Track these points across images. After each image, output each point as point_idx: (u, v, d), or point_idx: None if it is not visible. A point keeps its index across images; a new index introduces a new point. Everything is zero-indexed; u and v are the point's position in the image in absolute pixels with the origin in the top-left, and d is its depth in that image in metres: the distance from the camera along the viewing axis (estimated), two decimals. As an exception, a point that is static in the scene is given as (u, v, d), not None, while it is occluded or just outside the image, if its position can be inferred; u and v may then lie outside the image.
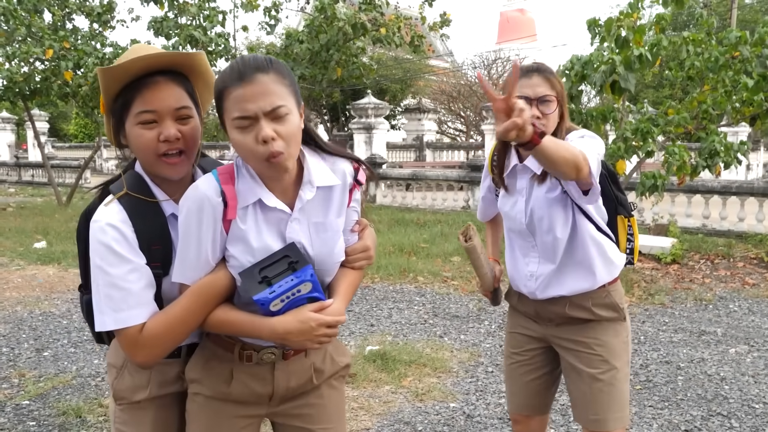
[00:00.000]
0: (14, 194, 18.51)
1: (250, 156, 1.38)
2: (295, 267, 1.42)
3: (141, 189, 1.53)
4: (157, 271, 1.50)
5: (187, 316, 1.45)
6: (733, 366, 4.37)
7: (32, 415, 3.59)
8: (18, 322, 5.41)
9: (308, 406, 1.65)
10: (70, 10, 13.79)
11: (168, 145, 1.47)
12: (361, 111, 17.49)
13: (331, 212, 1.52)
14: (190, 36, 11.14)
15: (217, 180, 1.42)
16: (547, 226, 2.05)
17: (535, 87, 1.97)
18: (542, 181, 2.03)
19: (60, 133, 37.07)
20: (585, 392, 2.10)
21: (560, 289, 2.11)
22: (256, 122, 1.34)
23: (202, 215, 1.41)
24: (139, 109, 1.46)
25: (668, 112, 6.74)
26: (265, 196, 1.44)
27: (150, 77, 1.47)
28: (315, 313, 1.43)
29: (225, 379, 1.56)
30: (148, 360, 1.46)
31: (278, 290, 1.40)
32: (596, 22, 6.21)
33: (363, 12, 11.39)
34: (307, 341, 1.44)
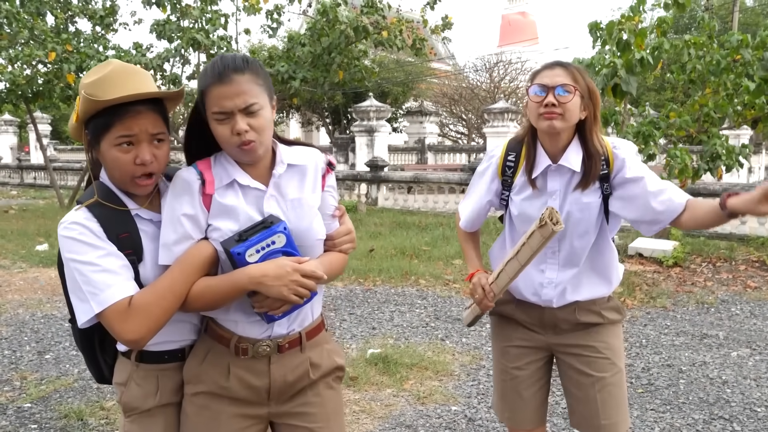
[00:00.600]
0: (16, 196, 18.54)
1: (226, 144, 1.53)
2: (268, 225, 1.53)
3: (109, 197, 1.58)
4: (131, 258, 1.54)
5: (175, 284, 1.49)
6: (735, 369, 4.36)
7: (34, 417, 3.59)
8: (20, 325, 5.42)
9: (307, 405, 1.69)
10: (72, 13, 13.84)
11: (143, 168, 1.55)
12: (362, 114, 17.52)
13: (305, 189, 1.64)
14: (193, 39, 11.15)
15: (195, 167, 1.59)
16: (583, 230, 2.01)
17: (554, 76, 1.93)
18: (586, 186, 1.98)
19: (62, 135, 37.12)
20: (593, 397, 2.06)
21: (576, 295, 2.07)
22: (232, 117, 1.50)
23: (180, 193, 1.54)
24: (119, 134, 1.53)
25: (670, 115, 6.75)
26: (239, 176, 1.57)
27: (132, 106, 1.53)
28: (291, 261, 1.50)
29: (223, 374, 1.60)
30: (140, 332, 1.45)
31: (253, 240, 1.49)
32: (598, 26, 6.22)
33: (365, 15, 11.41)
34: (283, 287, 1.48)
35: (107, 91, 1.50)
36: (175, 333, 1.64)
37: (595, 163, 1.96)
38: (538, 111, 1.92)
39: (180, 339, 1.67)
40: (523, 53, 28.10)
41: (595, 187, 2.00)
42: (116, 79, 1.53)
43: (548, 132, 1.96)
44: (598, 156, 1.96)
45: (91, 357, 1.76)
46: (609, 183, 2.00)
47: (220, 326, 1.62)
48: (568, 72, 1.93)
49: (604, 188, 2.01)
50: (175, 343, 1.66)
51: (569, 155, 1.98)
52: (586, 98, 1.95)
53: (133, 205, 1.61)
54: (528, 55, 27.19)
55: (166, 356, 1.66)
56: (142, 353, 1.64)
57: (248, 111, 1.51)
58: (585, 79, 1.96)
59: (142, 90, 1.54)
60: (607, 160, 1.99)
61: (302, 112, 26.68)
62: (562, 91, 1.89)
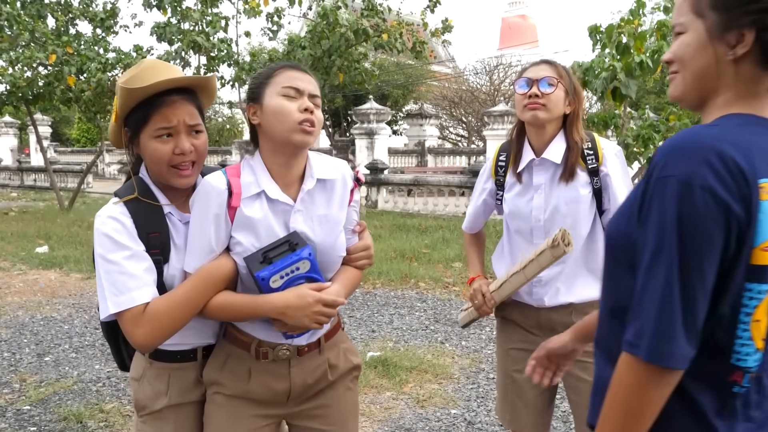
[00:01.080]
0: (16, 198, 18.54)
1: (288, 120, 1.51)
2: (294, 247, 1.52)
3: (146, 193, 1.63)
4: (157, 258, 1.57)
5: (189, 298, 1.52)
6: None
7: (33, 420, 3.59)
8: (19, 327, 5.42)
9: (324, 407, 1.71)
10: (73, 16, 13.86)
11: (182, 158, 1.59)
12: (363, 116, 17.52)
13: (333, 205, 1.63)
14: (193, 42, 11.16)
15: (224, 173, 1.56)
16: (571, 224, 2.01)
17: (539, 71, 2.02)
18: (570, 179, 2.02)
19: (62, 137, 37.16)
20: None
21: (570, 296, 2.07)
22: (301, 96, 1.54)
23: (208, 202, 1.53)
24: (159, 125, 1.57)
25: (670, 118, 6.75)
26: (269, 188, 1.56)
27: (168, 95, 1.58)
28: (313, 291, 1.51)
29: (244, 378, 1.62)
30: (148, 339, 1.50)
31: (278, 266, 1.49)
32: (597, 29, 6.23)
33: (365, 18, 11.42)
34: (305, 317, 1.50)
35: (143, 82, 1.55)
36: (189, 335, 1.65)
37: (574, 155, 2.01)
38: (523, 102, 2.01)
39: (194, 341, 1.68)
40: (523, 56, 28.13)
41: (583, 180, 2.03)
42: (149, 72, 1.58)
43: (532, 123, 2.03)
44: (577, 148, 2.02)
45: (115, 346, 1.81)
46: (599, 177, 2.03)
47: (240, 331, 1.63)
48: (553, 68, 2.03)
49: (594, 182, 2.03)
50: (188, 345, 1.68)
51: (551, 148, 2.04)
52: (570, 94, 2.02)
53: (165, 200, 1.64)
54: (528, 58, 27.22)
55: (179, 356, 1.68)
56: (156, 351, 1.67)
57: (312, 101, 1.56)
58: (570, 77, 2.04)
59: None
60: (596, 155, 2.03)
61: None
62: (546, 84, 1.98)
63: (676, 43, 1.16)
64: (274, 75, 1.56)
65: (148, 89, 1.55)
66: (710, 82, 1.12)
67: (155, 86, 1.55)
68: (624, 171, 2.08)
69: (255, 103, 1.58)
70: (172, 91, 1.59)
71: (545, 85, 1.98)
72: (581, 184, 2.02)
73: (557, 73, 2.01)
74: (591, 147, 2.04)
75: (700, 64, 1.11)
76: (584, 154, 2.03)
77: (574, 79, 2.07)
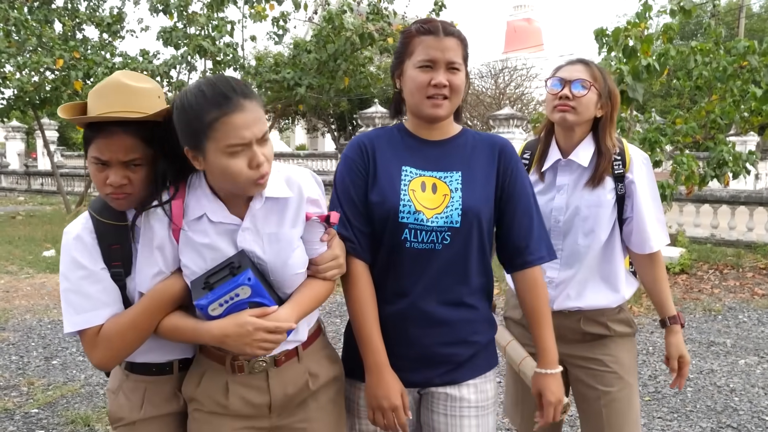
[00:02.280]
0: (23, 202, 18.63)
1: (240, 181, 1.41)
2: (234, 272, 1.44)
3: (104, 211, 1.59)
4: (118, 270, 1.55)
5: (137, 321, 1.50)
6: (743, 377, 4.33)
7: (41, 423, 3.60)
8: (27, 331, 5.44)
9: (308, 420, 1.65)
10: (80, 21, 13.95)
11: (113, 189, 1.52)
12: (368, 120, 17.55)
13: (285, 224, 1.54)
14: (199, 46, 11.19)
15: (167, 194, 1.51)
16: (590, 228, 1.99)
17: (573, 71, 1.97)
18: (598, 184, 1.98)
19: (69, 141, 37.33)
20: (599, 412, 2.02)
21: (579, 301, 2.03)
22: (248, 148, 1.39)
23: (152, 223, 1.50)
24: (93, 154, 1.53)
25: (676, 121, 6.73)
26: (211, 211, 1.50)
27: (107, 125, 1.50)
28: (254, 318, 1.43)
29: (221, 392, 1.57)
30: (103, 361, 1.53)
31: (217, 293, 1.42)
32: (604, 32, 6.22)
33: (371, 22, 11.43)
34: (246, 346, 1.43)
35: (92, 105, 1.51)
36: (164, 348, 1.63)
37: (604, 161, 1.97)
38: (553, 103, 1.97)
39: (169, 355, 1.65)
40: (529, 60, 28.12)
41: (608, 186, 1.99)
42: (105, 94, 1.50)
43: (561, 124, 2.00)
44: (609, 154, 1.98)
45: None
46: (624, 184, 2.00)
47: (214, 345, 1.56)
48: (589, 69, 1.97)
49: (619, 188, 2.00)
50: (163, 358, 1.65)
51: (579, 151, 2.01)
52: (604, 97, 1.97)
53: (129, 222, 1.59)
54: (533, 62, 27.19)
55: (154, 369, 1.65)
56: (132, 364, 1.66)
57: (263, 140, 1.42)
58: (606, 80, 1.99)
59: (124, 109, 1.48)
60: (624, 160, 2.00)
61: (308, 118, 26.75)
62: (579, 86, 1.93)
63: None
64: (213, 126, 1.37)
65: (80, 120, 1.51)
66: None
67: (82, 119, 1.50)
68: (650, 179, 2.04)
69: (195, 150, 1.42)
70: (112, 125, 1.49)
71: (578, 87, 1.93)
72: (606, 189, 1.99)
73: (591, 75, 1.96)
74: (619, 152, 2.00)
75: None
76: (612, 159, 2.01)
77: (611, 81, 2.02)
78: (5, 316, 5.89)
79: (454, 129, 1.78)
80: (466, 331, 1.72)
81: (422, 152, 1.73)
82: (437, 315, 1.68)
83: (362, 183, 1.70)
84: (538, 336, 1.74)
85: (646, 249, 2.02)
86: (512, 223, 1.73)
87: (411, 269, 1.66)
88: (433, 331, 1.69)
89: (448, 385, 1.74)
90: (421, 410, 1.81)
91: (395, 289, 1.69)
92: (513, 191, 1.73)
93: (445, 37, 1.63)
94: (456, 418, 1.73)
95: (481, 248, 1.70)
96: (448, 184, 1.69)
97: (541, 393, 1.75)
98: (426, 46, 1.63)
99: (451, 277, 1.67)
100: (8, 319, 5.78)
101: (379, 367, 1.66)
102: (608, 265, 2.04)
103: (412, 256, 1.65)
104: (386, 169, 1.70)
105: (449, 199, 1.66)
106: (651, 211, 2.00)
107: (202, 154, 1.41)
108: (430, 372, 1.72)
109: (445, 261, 1.66)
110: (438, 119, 1.70)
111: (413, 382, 1.74)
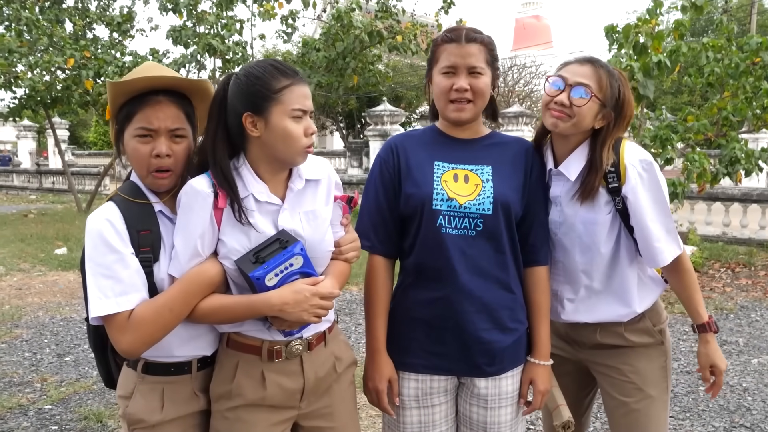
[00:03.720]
0: (35, 201, 18.78)
1: (296, 145, 1.54)
2: (285, 245, 1.53)
3: (135, 193, 1.61)
4: (147, 256, 1.54)
5: (174, 304, 1.49)
6: (756, 376, 4.30)
7: (54, 419, 3.63)
8: (40, 328, 5.49)
9: (332, 405, 1.72)
10: (90, 20, 14.04)
11: (159, 161, 1.57)
12: (376, 118, 17.53)
13: (320, 202, 1.66)
14: (208, 45, 11.24)
15: (208, 176, 1.55)
16: (587, 244, 1.85)
17: (578, 74, 1.77)
18: (586, 199, 1.80)
19: (80, 140, 37.57)
20: (619, 422, 1.96)
21: (589, 315, 1.93)
22: (305, 117, 1.56)
23: (194, 205, 1.52)
24: (139, 125, 1.56)
25: (688, 118, 6.68)
26: (257, 191, 1.57)
27: (153, 95, 1.57)
28: (309, 285, 1.52)
29: (259, 382, 1.60)
30: (133, 345, 1.48)
31: (271, 264, 1.50)
32: (614, 29, 6.18)
33: (379, 20, 11.44)
34: (303, 312, 1.51)
35: (125, 79, 1.56)
36: (183, 346, 1.62)
37: (594, 176, 1.79)
38: (548, 105, 1.80)
39: (189, 353, 1.64)
40: (538, 57, 28.02)
41: (602, 200, 1.82)
42: (144, 71, 1.58)
43: (552, 130, 1.83)
44: (600, 170, 1.79)
45: (101, 358, 1.75)
46: (621, 197, 1.80)
47: (247, 336, 1.61)
48: (596, 74, 1.77)
49: (616, 202, 1.81)
50: (182, 357, 1.63)
51: (570, 162, 1.84)
52: (608, 107, 1.78)
53: (157, 202, 1.61)
54: (542, 59, 27.10)
55: (173, 369, 1.63)
56: (148, 365, 1.62)
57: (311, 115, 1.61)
58: (614, 87, 1.79)
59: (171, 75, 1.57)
60: (618, 173, 1.80)
61: (316, 116, 26.78)
62: (578, 93, 1.74)
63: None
64: (282, 92, 1.52)
65: (129, 83, 1.54)
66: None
67: (136, 81, 1.54)
68: (651, 187, 1.79)
69: (258, 115, 1.53)
70: (161, 92, 1.58)
71: (578, 94, 1.74)
72: (600, 204, 1.82)
73: (597, 82, 1.76)
74: (613, 164, 1.80)
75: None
76: (605, 172, 1.81)
77: (624, 86, 1.82)
78: (18, 313, 5.94)
79: (484, 130, 1.88)
80: (506, 316, 1.78)
81: (454, 149, 1.81)
82: (479, 298, 1.74)
83: (390, 180, 1.82)
84: (536, 328, 1.84)
85: (658, 264, 1.84)
86: (534, 221, 1.81)
87: (449, 254, 1.72)
88: (476, 315, 1.74)
89: (489, 377, 1.79)
90: (459, 399, 1.86)
91: (434, 275, 1.75)
92: (537, 191, 1.82)
93: (467, 43, 1.71)
94: (495, 410, 1.80)
95: (512, 237, 1.77)
96: (480, 175, 1.77)
97: (534, 381, 1.83)
98: (448, 53, 1.72)
99: (487, 261, 1.74)
100: (21, 317, 5.83)
101: (374, 351, 1.81)
102: (617, 278, 1.90)
103: (449, 242, 1.72)
104: (418, 164, 1.79)
105: (481, 188, 1.75)
106: (656, 224, 1.80)
107: (265, 119, 1.52)
108: (471, 361, 1.78)
109: (481, 246, 1.73)
110: (462, 122, 1.79)
111: (453, 370, 1.80)
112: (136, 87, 1.56)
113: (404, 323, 1.82)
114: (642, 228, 1.81)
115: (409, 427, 1.82)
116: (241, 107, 1.53)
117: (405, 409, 1.82)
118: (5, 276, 7.58)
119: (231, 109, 1.55)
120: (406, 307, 1.82)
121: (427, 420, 1.82)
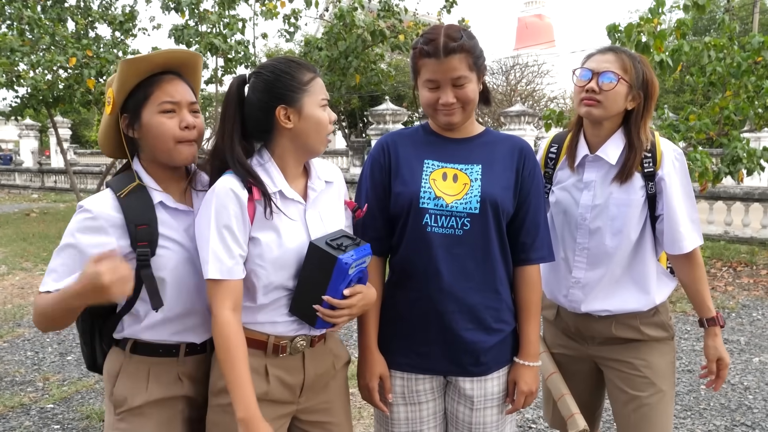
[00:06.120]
0: (37, 200, 18.81)
1: (324, 132, 1.63)
2: (358, 243, 1.62)
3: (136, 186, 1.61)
4: (144, 250, 1.55)
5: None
6: (757, 375, 4.30)
7: (56, 418, 3.64)
8: (42, 327, 5.50)
9: (330, 401, 1.76)
10: (92, 19, 14.03)
11: (187, 132, 1.62)
12: (379, 117, 17.53)
13: (335, 204, 1.74)
14: (211, 44, 11.23)
15: (233, 174, 1.56)
16: (618, 227, 1.92)
17: (603, 62, 1.89)
18: (625, 180, 1.90)
19: (82, 139, 37.62)
20: (629, 417, 1.97)
21: (607, 303, 1.97)
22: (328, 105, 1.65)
23: (227, 204, 1.52)
24: (162, 99, 1.59)
25: (690, 117, 6.67)
26: (285, 188, 1.61)
27: (167, 74, 1.62)
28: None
29: (262, 378, 1.61)
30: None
31: (356, 255, 1.58)
32: (616, 28, 6.17)
33: (382, 19, 11.42)
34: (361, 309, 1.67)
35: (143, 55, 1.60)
36: (177, 330, 1.64)
37: (633, 156, 1.89)
38: (580, 96, 1.91)
39: (180, 337, 1.65)
40: (540, 56, 27.97)
41: (637, 184, 1.91)
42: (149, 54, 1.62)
43: (587, 118, 1.93)
44: (639, 149, 1.90)
45: (87, 341, 1.76)
46: (654, 182, 1.90)
47: (252, 331, 1.62)
48: (619, 59, 1.88)
49: (649, 187, 1.91)
50: (174, 339, 1.65)
51: (608, 146, 1.93)
52: (635, 88, 1.88)
53: (160, 192, 1.63)
54: (545, 58, 27.05)
55: (161, 350, 1.65)
56: (137, 344, 1.64)
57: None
58: (638, 69, 1.89)
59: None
60: (654, 157, 1.91)
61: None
62: (606, 78, 1.85)
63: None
64: (311, 83, 1.61)
65: (147, 59, 1.58)
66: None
67: (154, 56, 1.59)
68: (683, 175, 1.94)
69: (290, 107, 1.59)
70: (167, 73, 1.64)
71: (606, 79, 1.85)
72: (635, 187, 1.91)
73: (622, 65, 1.87)
74: (650, 149, 1.92)
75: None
76: (642, 157, 1.92)
77: (647, 68, 1.92)
78: (20, 312, 5.95)
79: (477, 128, 1.85)
80: (490, 317, 1.77)
81: (444, 147, 1.81)
82: (462, 299, 1.73)
83: (380, 178, 1.84)
84: (525, 328, 1.83)
85: (679, 250, 1.93)
86: (524, 220, 1.80)
87: (434, 254, 1.72)
88: (458, 316, 1.74)
89: (474, 377, 1.79)
90: (446, 397, 1.87)
91: (420, 274, 1.75)
92: (529, 190, 1.80)
93: (446, 57, 1.66)
94: (480, 410, 1.80)
95: (500, 236, 1.76)
96: (469, 174, 1.76)
97: (516, 381, 1.81)
98: (428, 69, 1.70)
99: (473, 262, 1.73)
100: (23, 316, 5.84)
101: (366, 349, 1.83)
102: (639, 266, 1.96)
103: (435, 241, 1.72)
104: (408, 162, 1.79)
105: (469, 188, 1.74)
106: (683, 210, 1.91)
107: (298, 110, 1.59)
108: (455, 361, 1.78)
109: (467, 246, 1.72)
110: (452, 126, 1.79)
111: (438, 370, 1.81)
112: (155, 62, 1.61)
113: (390, 321, 1.83)
114: (671, 211, 1.89)
115: (396, 423, 1.84)
116: (272, 101, 1.58)
117: (393, 405, 1.84)
118: (7, 275, 7.60)
119: (257, 106, 1.59)
120: (392, 305, 1.83)
121: (415, 417, 1.83)
